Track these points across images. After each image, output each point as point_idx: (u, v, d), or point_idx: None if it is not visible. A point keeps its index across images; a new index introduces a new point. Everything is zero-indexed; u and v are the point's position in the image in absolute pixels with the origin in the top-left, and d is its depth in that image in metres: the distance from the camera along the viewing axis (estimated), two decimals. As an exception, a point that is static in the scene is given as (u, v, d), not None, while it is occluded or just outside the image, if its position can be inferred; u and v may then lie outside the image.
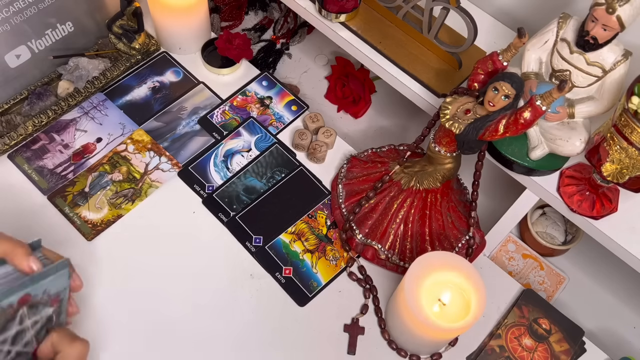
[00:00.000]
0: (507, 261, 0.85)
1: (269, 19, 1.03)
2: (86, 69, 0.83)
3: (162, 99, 0.84)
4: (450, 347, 0.70)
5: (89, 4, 0.82)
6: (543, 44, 0.64)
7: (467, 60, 0.74)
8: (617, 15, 0.55)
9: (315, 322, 0.70)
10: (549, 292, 0.83)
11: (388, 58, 0.76)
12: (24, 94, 0.80)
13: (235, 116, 0.84)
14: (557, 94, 0.54)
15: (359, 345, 0.69)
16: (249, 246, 0.74)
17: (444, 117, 0.62)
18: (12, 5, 0.73)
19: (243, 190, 0.78)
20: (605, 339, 0.80)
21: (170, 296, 0.70)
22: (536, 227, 0.85)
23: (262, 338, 0.68)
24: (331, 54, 1.01)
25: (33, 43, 0.78)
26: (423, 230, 0.72)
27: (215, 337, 0.68)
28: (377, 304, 0.71)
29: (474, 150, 0.64)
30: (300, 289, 0.71)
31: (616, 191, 0.67)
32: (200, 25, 0.86)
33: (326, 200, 0.78)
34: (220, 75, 0.87)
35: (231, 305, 0.70)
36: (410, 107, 0.90)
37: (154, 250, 0.72)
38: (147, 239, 0.73)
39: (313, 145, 0.80)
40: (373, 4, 0.78)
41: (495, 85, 0.57)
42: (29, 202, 0.74)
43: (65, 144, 0.79)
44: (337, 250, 0.75)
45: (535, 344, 0.70)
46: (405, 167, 0.72)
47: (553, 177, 0.69)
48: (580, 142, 0.63)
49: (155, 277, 0.71)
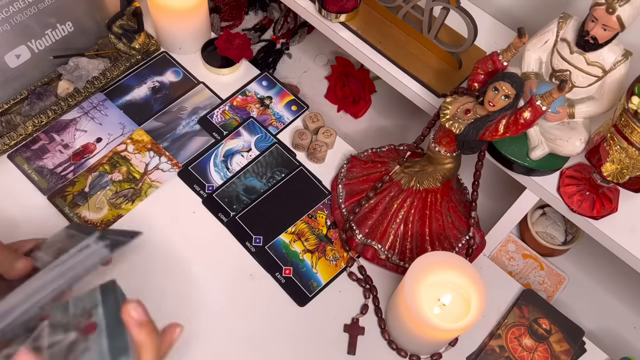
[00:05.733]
0: (507, 261, 0.85)
1: (269, 19, 1.03)
2: (86, 69, 0.83)
3: (162, 99, 0.84)
4: (450, 347, 0.70)
5: (89, 4, 0.82)
6: (543, 44, 0.64)
7: (467, 60, 0.74)
8: (617, 15, 0.55)
9: (315, 322, 0.70)
10: (549, 292, 0.83)
11: (388, 58, 0.76)
12: (24, 94, 0.80)
13: (235, 116, 0.84)
14: (557, 94, 0.54)
15: (359, 345, 0.69)
16: (249, 246, 0.74)
17: (444, 117, 0.62)
18: (12, 5, 0.73)
19: (243, 190, 0.78)
20: (605, 339, 0.80)
21: (170, 296, 0.70)
22: (536, 227, 0.85)
23: (262, 338, 0.68)
24: (331, 54, 1.01)
25: (33, 43, 0.78)
26: (423, 230, 0.72)
27: (215, 337, 0.68)
28: (377, 304, 0.71)
29: (474, 150, 0.64)
30: (300, 289, 0.71)
31: (616, 191, 0.67)
32: (200, 25, 0.86)
33: (326, 200, 0.78)
34: (220, 75, 0.87)
35: (231, 305, 0.70)
36: (410, 107, 0.90)
37: (154, 250, 0.72)
38: (146, 239, 0.73)
39: (313, 145, 0.80)
40: (373, 4, 0.78)
41: (495, 85, 0.57)
42: (29, 202, 0.74)
43: (65, 144, 0.79)
44: (337, 250, 0.75)
45: (536, 344, 0.70)
46: (405, 167, 0.72)
47: (553, 177, 0.69)
48: (580, 142, 0.63)
49: (155, 277, 0.71)
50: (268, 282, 0.72)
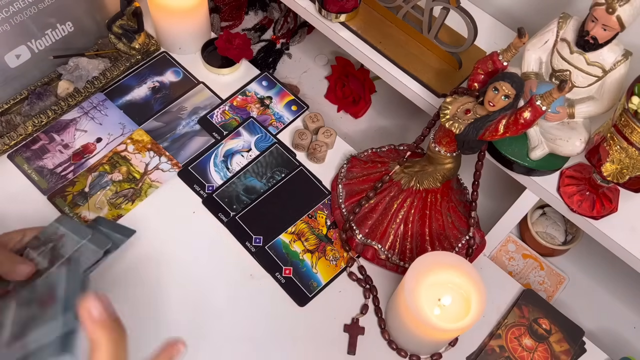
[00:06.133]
0: (507, 261, 0.85)
1: (269, 19, 1.03)
2: (86, 69, 0.83)
3: (162, 99, 0.84)
4: (450, 347, 0.70)
5: (89, 4, 0.82)
6: (543, 44, 0.64)
7: (467, 60, 0.74)
8: (617, 15, 0.55)
9: (315, 322, 0.70)
10: (549, 292, 0.83)
11: (388, 58, 0.76)
12: (24, 94, 0.80)
13: (235, 116, 0.84)
14: (557, 94, 0.54)
15: (359, 345, 0.69)
16: (249, 246, 0.74)
17: (444, 117, 0.62)
18: (12, 5, 0.73)
19: (243, 190, 0.78)
20: (605, 339, 0.79)
21: (170, 296, 0.70)
22: (536, 227, 0.85)
23: (262, 338, 0.68)
24: (331, 54, 1.01)
25: (33, 43, 0.78)
26: (423, 230, 0.72)
27: (215, 337, 0.68)
28: (377, 304, 0.71)
29: (474, 150, 0.64)
30: (300, 289, 0.71)
31: (616, 191, 0.67)
32: (200, 25, 0.86)
33: (326, 200, 0.78)
34: (220, 75, 0.87)
35: (231, 306, 0.70)
36: (410, 107, 0.90)
37: (154, 250, 0.72)
38: (146, 239, 0.73)
39: (313, 145, 0.80)
40: (373, 4, 0.78)
41: (495, 85, 0.57)
42: (29, 202, 0.74)
43: (65, 144, 0.79)
44: (337, 250, 0.75)
45: (535, 344, 0.70)
46: (405, 167, 0.72)
47: (553, 177, 0.69)
48: (580, 142, 0.63)
49: (155, 277, 0.71)
50: (268, 282, 0.72)
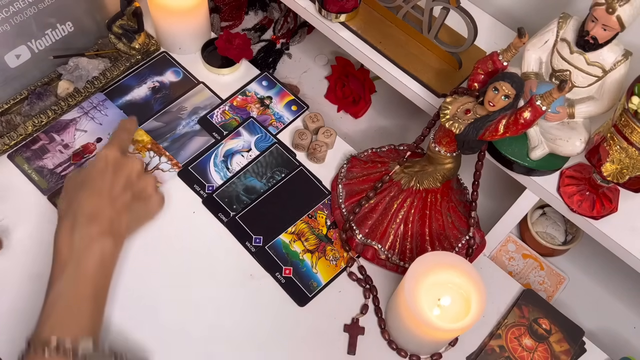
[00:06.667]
0: (507, 261, 0.85)
1: (269, 19, 1.03)
2: (86, 69, 0.83)
3: (162, 99, 0.84)
4: (450, 347, 0.70)
5: (89, 4, 0.82)
6: (543, 44, 0.64)
7: (467, 60, 0.74)
8: (617, 15, 0.55)
9: (315, 322, 0.70)
10: (549, 292, 0.83)
11: (388, 58, 0.76)
12: (24, 94, 0.80)
13: (235, 116, 0.84)
14: (557, 94, 0.54)
15: (359, 345, 0.69)
16: (249, 246, 0.74)
17: (444, 117, 0.62)
18: (12, 5, 0.73)
19: (243, 190, 0.78)
20: (605, 339, 0.80)
21: (169, 296, 0.70)
22: (536, 227, 0.85)
23: (262, 338, 0.68)
24: (331, 54, 1.01)
25: (33, 43, 0.78)
26: (423, 230, 0.72)
27: (214, 337, 0.68)
28: (377, 304, 0.71)
29: (474, 150, 0.64)
30: (300, 289, 0.71)
31: (616, 191, 0.67)
32: (200, 25, 0.86)
33: (326, 200, 0.78)
34: (220, 75, 0.87)
35: (231, 305, 0.70)
36: (410, 107, 0.90)
37: (154, 250, 0.72)
38: (146, 238, 0.73)
39: (313, 145, 0.80)
40: (373, 4, 0.78)
41: (495, 85, 0.57)
42: (29, 202, 0.74)
43: (65, 144, 0.79)
44: (337, 250, 0.75)
45: (535, 344, 0.70)
46: (405, 167, 0.72)
47: (553, 177, 0.69)
48: (580, 142, 0.63)
49: (154, 276, 0.71)
50: (268, 282, 0.72)
